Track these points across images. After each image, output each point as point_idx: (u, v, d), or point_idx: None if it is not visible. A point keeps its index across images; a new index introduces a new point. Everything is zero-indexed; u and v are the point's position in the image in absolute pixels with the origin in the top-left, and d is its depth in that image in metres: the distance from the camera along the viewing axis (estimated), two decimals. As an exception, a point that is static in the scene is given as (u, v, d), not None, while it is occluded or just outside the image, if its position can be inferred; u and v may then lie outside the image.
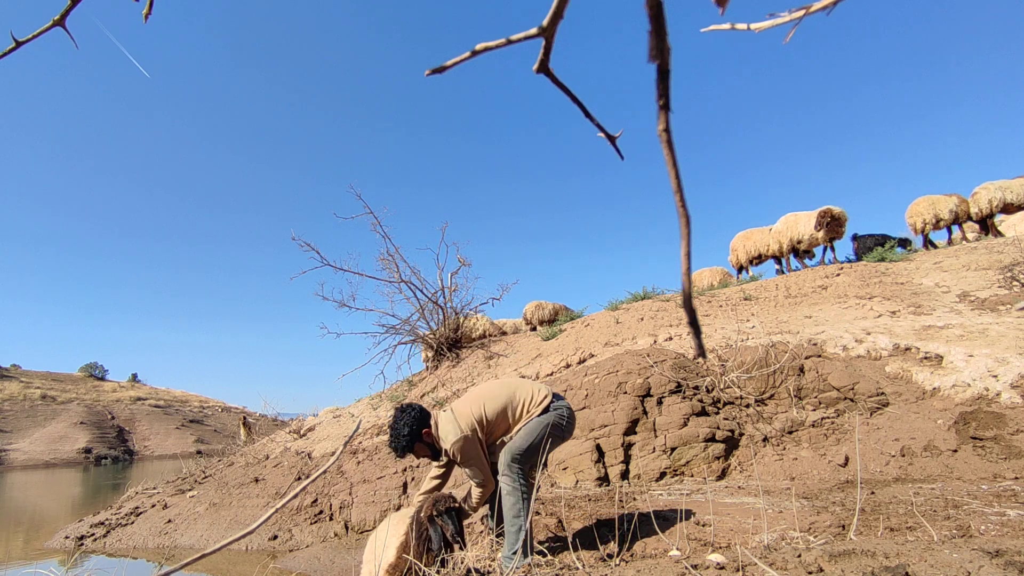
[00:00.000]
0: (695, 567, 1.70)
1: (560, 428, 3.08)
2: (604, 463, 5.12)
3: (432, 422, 3.04)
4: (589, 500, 4.26)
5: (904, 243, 11.59)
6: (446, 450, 2.96)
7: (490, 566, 2.98)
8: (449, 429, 2.94)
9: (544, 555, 3.08)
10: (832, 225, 10.56)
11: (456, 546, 2.81)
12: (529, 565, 2.49)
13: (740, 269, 12.91)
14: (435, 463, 3.25)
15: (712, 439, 4.92)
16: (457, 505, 2.92)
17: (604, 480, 5.01)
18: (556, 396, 3.17)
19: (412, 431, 2.98)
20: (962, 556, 1.49)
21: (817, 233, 10.70)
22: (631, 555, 2.97)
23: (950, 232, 11.82)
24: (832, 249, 11.07)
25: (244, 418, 13.14)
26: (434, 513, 2.84)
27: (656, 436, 5.11)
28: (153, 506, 7.29)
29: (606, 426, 5.30)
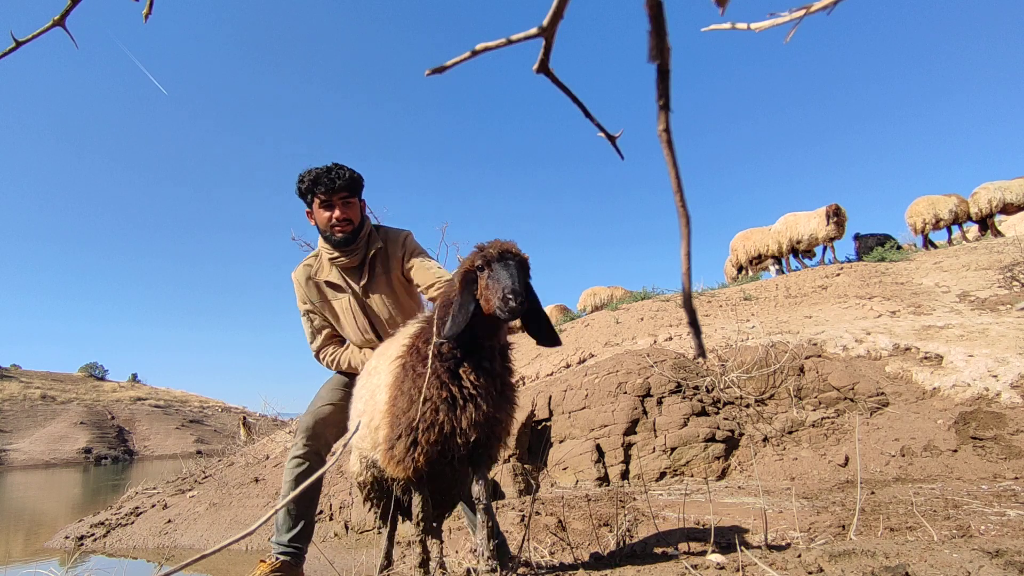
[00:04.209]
0: (695, 567, 1.70)
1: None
2: (604, 463, 5.12)
3: None
4: (589, 500, 4.26)
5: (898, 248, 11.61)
6: (386, 234, 2.57)
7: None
8: (401, 230, 2.63)
9: (530, 565, 3.08)
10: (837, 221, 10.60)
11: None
12: (528, 565, 2.48)
13: (740, 269, 12.96)
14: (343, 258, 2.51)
15: (712, 439, 4.92)
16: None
17: (604, 480, 5.01)
18: None
19: (360, 178, 2.51)
20: (962, 556, 1.49)
21: (821, 231, 10.70)
22: (631, 555, 2.98)
23: (950, 232, 11.82)
24: (832, 249, 11.09)
25: (244, 418, 13.16)
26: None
27: (656, 436, 5.11)
28: (153, 506, 7.29)
29: (606, 426, 5.30)
